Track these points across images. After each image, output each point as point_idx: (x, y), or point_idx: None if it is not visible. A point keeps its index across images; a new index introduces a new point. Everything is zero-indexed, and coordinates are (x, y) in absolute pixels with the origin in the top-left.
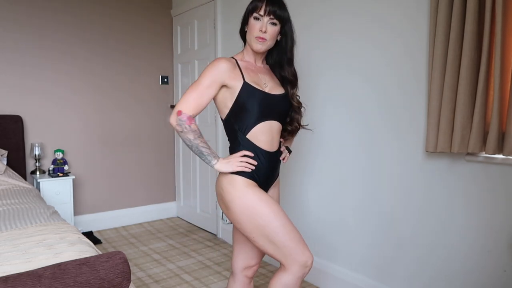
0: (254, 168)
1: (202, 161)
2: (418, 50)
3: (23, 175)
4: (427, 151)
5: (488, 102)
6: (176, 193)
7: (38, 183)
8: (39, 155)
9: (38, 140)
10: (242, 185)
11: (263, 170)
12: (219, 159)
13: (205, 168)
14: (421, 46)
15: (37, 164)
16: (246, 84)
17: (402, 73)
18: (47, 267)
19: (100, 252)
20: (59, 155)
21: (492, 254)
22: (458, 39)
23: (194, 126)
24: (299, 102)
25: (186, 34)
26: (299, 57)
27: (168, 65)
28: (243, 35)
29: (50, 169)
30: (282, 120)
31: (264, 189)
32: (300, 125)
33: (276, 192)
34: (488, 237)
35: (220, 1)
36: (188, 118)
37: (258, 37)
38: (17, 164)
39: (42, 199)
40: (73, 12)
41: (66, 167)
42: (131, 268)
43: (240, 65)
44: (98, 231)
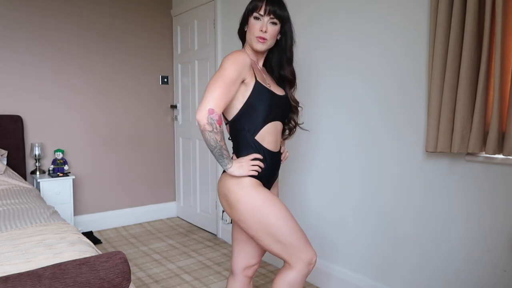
0: (261, 171)
1: (201, 161)
2: (418, 50)
3: (23, 175)
4: (427, 151)
5: (488, 102)
6: (176, 193)
7: (38, 183)
8: (39, 155)
9: (38, 140)
10: (249, 185)
11: (267, 170)
12: (232, 163)
13: (205, 168)
14: (421, 46)
15: (37, 164)
16: (258, 84)
17: (402, 73)
18: (47, 267)
19: (100, 252)
20: (59, 155)
21: (492, 254)
22: (458, 39)
23: (222, 127)
24: (296, 101)
25: (186, 34)
26: (298, 57)
27: (168, 65)
28: (242, 35)
29: (50, 169)
30: (283, 120)
31: (267, 188)
32: (296, 124)
33: (276, 191)
34: (488, 237)
35: (220, 1)
36: (219, 118)
37: (258, 37)
38: (17, 164)
39: (42, 199)
40: (73, 12)
41: (66, 167)
42: (131, 268)
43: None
44: (98, 231)
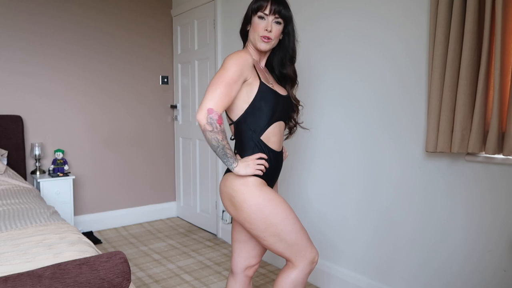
0: (266, 170)
1: (201, 161)
2: (418, 49)
3: (23, 175)
4: (427, 151)
5: (488, 102)
6: (176, 193)
7: (38, 183)
8: (39, 155)
9: (38, 140)
10: (254, 184)
11: (271, 170)
12: (238, 162)
13: (205, 168)
14: (421, 46)
15: (37, 164)
16: (262, 84)
17: (403, 73)
18: (47, 267)
19: (100, 252)
20: (59, 155)
21: (492, 254)
22: (458, 39)
23: (223, 126)
24: (297, 100)
25: (186, 34)
26: (298, 57)
27: (168, 65)
28: (244, 34)
29: (50, 169)
30: (286, 120)
31: (270, 187)
32: (296, 123)
33: (276, 190)
34: (488, 237)
35: (220, 1)
36: (219, 117)
37: (263, 36)
38: (17, 164)
39: (42, 199)
40: (73, 12)
41: (66, 167)
42: (131, 268)
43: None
44: (98, 231)
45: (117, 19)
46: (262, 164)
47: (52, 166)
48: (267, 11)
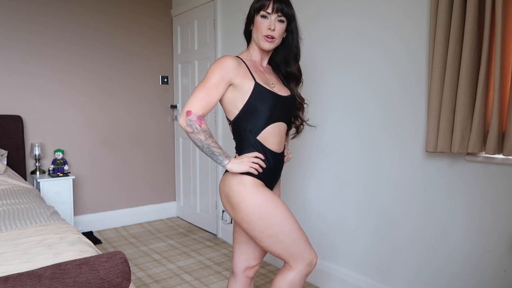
0: (261, 171)
1: (201, 161)
2: (418, 49)
3: (23, 175)
4: (427, 151)
5: (488, 102)
6: (176, 193)
7: (38, 183)
8: (39, 155)
9: (38, 140)
10: (252, 185)
11: (270, 171)
12: (230, 159)
13: (205, 168)
14: (421, 46)
15: (37, 164)
16: (258, 85)
17: (403, 73)
18: (47, 267)
19: (100, 252)
20: (59, 155)
21: (492, 254)
22: (458, 39)
23: (204, 126)
24: (302, 98)
25: (186, 34)
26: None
27: (168, 65)
28: (248, 34)
29: (50, 169)
30: (288, 121)
31: (269, 189)
32: (303, 121)
33: (278, 191)
34: (488, 237)
35: (220, 1)
36: (198, 118)
37: (266, 36)
38: (17, 164)
39: (42, 199)
40: (73, 12)
41: (66, 167)
42: (131, 268)
43: (247, 64)
44: (98, 231)
45: (117, 19)
46: (257, 163)
47: (52, 166)
48: (269, 10)
